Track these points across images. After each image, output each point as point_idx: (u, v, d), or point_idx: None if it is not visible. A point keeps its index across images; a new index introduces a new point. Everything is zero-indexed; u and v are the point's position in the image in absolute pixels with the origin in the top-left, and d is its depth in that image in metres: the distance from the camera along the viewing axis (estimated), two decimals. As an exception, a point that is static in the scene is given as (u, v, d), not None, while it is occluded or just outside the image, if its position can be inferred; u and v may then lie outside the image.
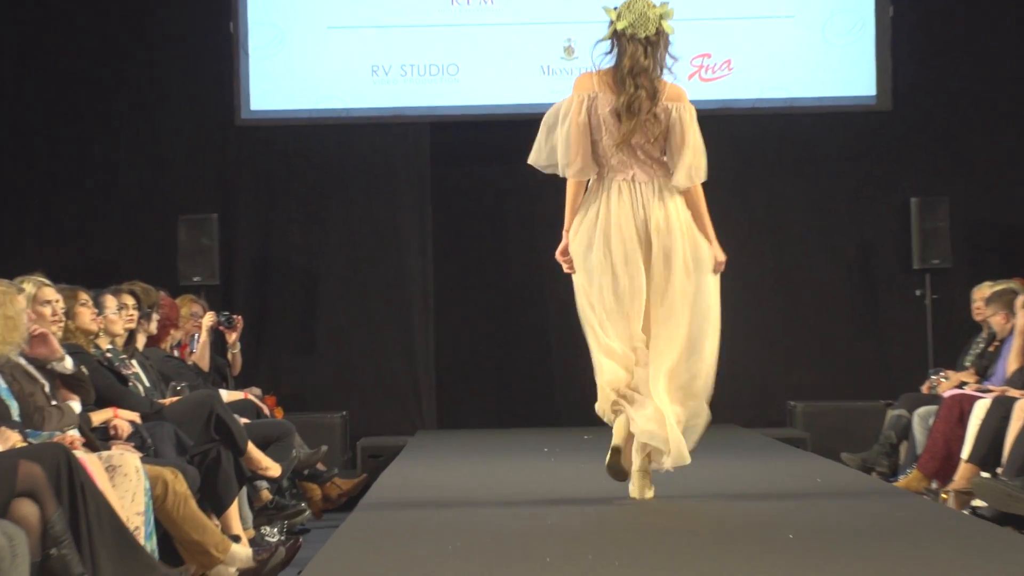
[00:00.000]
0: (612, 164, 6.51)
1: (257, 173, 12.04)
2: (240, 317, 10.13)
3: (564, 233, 6.66)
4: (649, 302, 6.46)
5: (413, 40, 11.84)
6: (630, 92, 6.38)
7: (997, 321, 9.22)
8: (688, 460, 6.47)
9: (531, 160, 6.67)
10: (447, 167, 12.16)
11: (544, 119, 6.58)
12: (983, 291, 9.63)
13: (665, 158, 6.58)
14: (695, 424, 6.61)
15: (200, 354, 9.38)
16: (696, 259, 6.53)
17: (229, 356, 10.06)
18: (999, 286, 9.38)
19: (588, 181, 6.56)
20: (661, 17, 6.44)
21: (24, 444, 5.67)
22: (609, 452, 6.42)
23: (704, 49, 11.81)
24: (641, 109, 6.37)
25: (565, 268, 6.69)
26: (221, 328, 9.87)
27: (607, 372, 6.46)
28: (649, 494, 6.55)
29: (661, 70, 6.47)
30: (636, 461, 6.48)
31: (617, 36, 6.45)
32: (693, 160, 6.55)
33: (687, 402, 6.61)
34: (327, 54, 11.84)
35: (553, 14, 11.85)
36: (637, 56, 6.38)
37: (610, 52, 6.50)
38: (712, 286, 6.54)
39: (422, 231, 12.04)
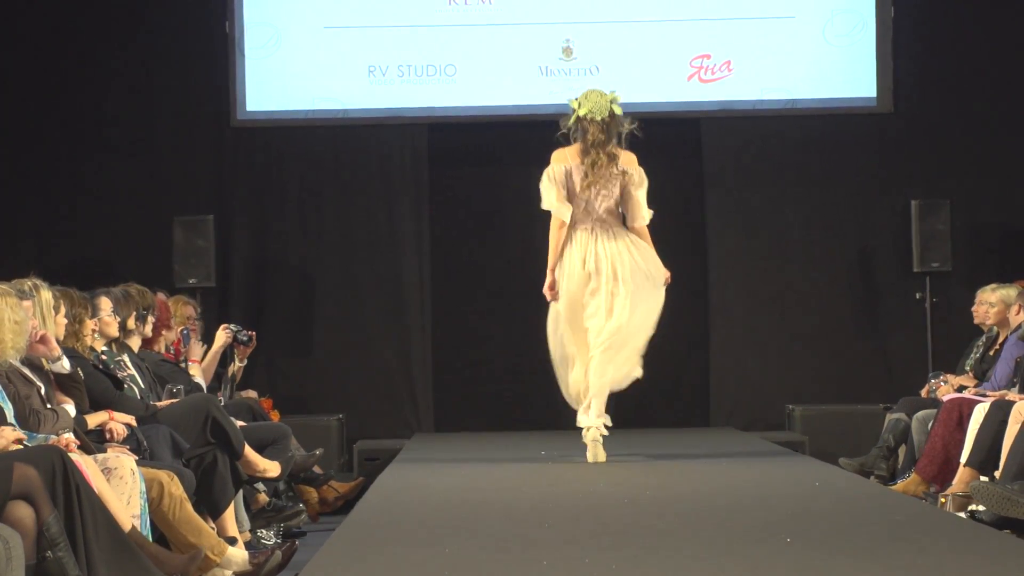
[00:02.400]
0: (583, 217, 8.59)
1: (253, 174, 12.02)
2: (254, 333, 9.81)
3: (549, 272, 8.75)
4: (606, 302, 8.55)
5: (410, 41, 11.83)
6: (593, 158, 8.48)
7: (1013, 311, 9.21)
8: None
9: (544, 205, 8.66)
10: (444, 168, 12.14)
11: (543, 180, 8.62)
12: (987, 294, 9.61)
13: (620, 210, 8.67)
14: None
15: (207, 367, 9.21)
16: (650, 274, 8.63)
17: (234, 368, 9.86)
18: (1012, 288, 9.38)
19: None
20: (611, 102, 8.54)
21: (23, 440, 5.65)
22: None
23: (704, 50, 11.81)
24: (601, 168, 8.45)
25: (549, 298, 8.80)
26: (237, 346, 9.59)
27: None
28: (602, 457, 8.61)
29: (617, 141, 8.53)
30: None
31: (579, 120, 8.56)
32: (642, 209, 8.64)
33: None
34: (324, 55, 11.83)
35: (551, 15, 11.83)
36: (596, 134, 8.48)
37: (575, 132, 8.59)
38: (659, 299, 8.66)
39: (419, 232, 12.02)
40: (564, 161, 8.58)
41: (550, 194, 8.57)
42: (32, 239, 11.77)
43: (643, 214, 8.64)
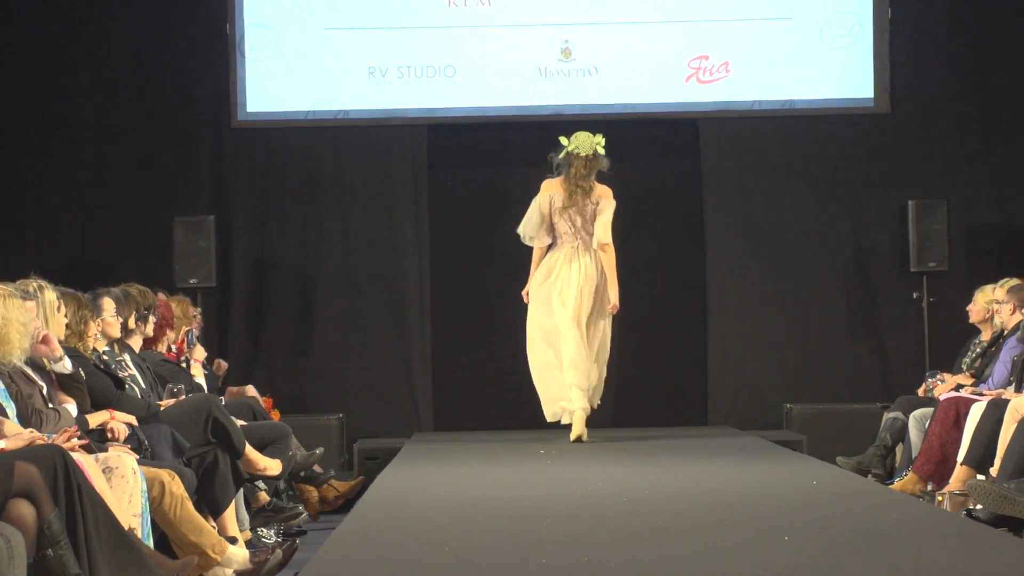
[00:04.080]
0: (563, 236, 10.10)
1: (254, 175, 12.04)
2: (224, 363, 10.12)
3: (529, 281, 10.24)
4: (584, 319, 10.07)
5: (410, 42, 11.84)
6: (572, 190, 9.99)
7: (1006, 310, 9.22)
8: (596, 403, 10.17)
9: (519, 230, 10.22)
10: (444, 169, 12.16)
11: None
12: (987, 293, 9.63)
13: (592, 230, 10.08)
14: (599, 384, 10.19)
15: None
16: (601, 304, 10.05)
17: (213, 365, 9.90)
18: (1011, 283, 9.39)
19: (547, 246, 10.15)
20: (596, 144, 10.00)
21: (42, 439, 5.66)
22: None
23: (702, 51, 11.83)
24: (578, 199, 9.98)
25: (526, 300, 10.23)
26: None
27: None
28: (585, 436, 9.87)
29: (595, 176, 10.00)
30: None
31: (568, 155, 9.99)
32: (604, 232, 9.97)
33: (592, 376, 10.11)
34: (324, 56, 11.85)
35: (550, 16, 11.85)
36: (579, 168, 9.97)
37: (563, 165, 10.02)
38: (607, 323, 10.12)
39: (419, 233, 12.03)
40: (550, 190, 10.09)
41: (529, 220, 10.15)
42: (33, 239, 11.78)
43: (601, 233, 9.98)
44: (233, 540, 6.84)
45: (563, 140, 10.04)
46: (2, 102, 11.80)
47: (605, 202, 10.03)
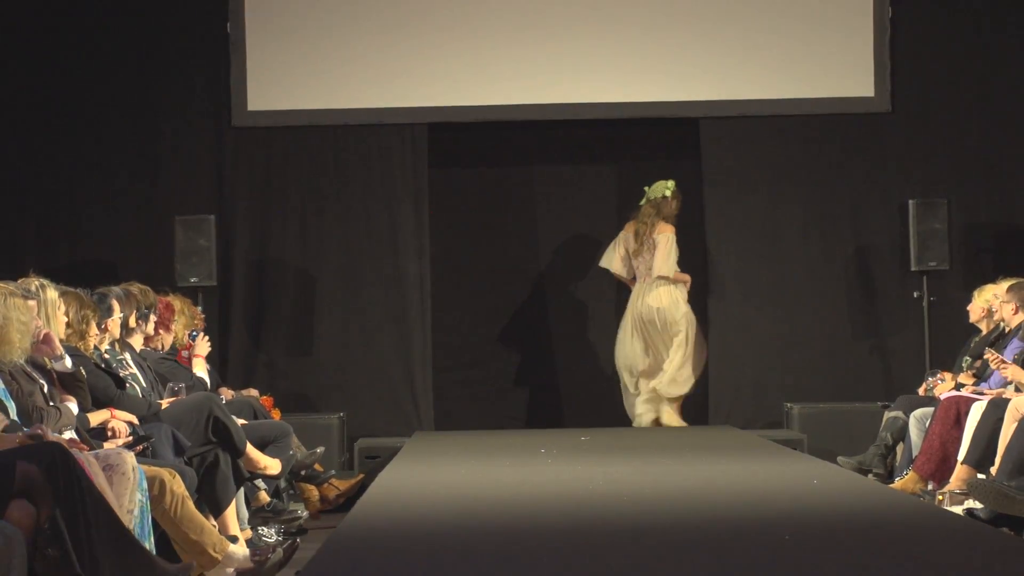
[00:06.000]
0: (636, 273, 11.67)
1: (254, 174, 12.03)
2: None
3: None
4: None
5: (411, 40, 11.83)
6: (639, 230, 11.55)
7: (1008, 310, 9.22)
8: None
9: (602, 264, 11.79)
10: (445, 168, 12.17)
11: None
12: (985, 292, 9.63)
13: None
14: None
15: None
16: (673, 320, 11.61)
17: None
18: (1010, 282, 9.39)
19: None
20: (667, 188, 11.55)
21: (48, 435, 5.65)
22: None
23: (703, 49, 11.81)
24: (643, 239, 11.50)
25: None
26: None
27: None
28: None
29: (661, 217, 11.53)
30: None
31: (647, 199, 11.56)
32: (660, 264, 11.47)
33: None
34: (324, 55, 11.84)
35: (551, 14, 11.83)
36: (649, 211, 11.54)
37: (639, 208, 11.56)
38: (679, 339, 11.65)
39: (420, 232, 12.02)
40: (627, 230, 11.63)
41: (609, 254, 11.71)
42: (34, 239, 11.77)
43: (657, 266, 11.46)
44: (234, 539, 6.85)
45: (645, 188, 11.61)
46: (2, 102, 11.79)
47: (662, 241, 11.44)
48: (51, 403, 6.28)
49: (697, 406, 12.00)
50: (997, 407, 8.11)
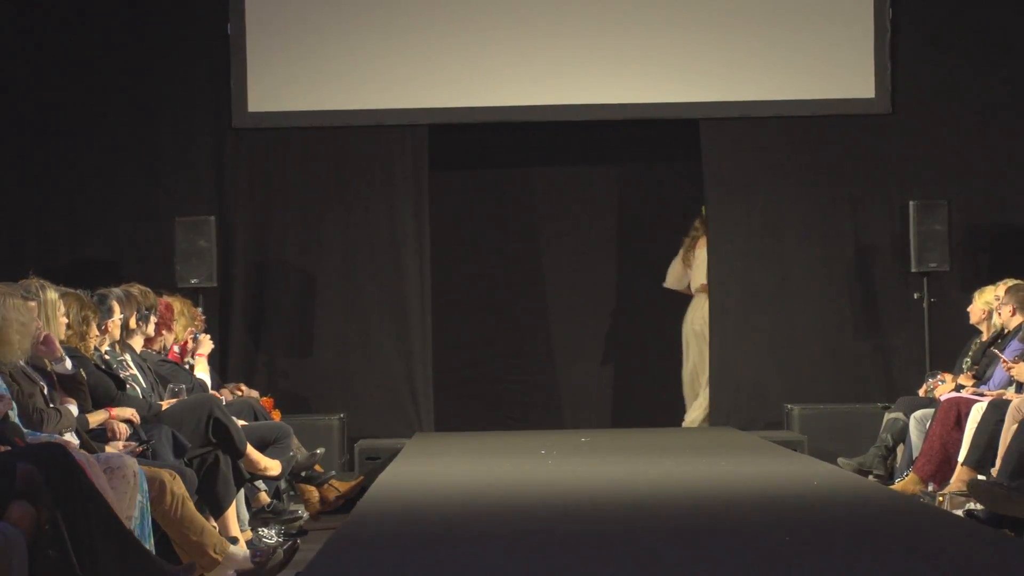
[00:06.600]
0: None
1: (255, 175, 12.03)
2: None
3: None
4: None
5: (412, 41, 11.83)
6: (689, 244, 12.08)
7: (1006, 312, 9.22)
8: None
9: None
10: (446, 170, 12.17)
11: None
12: (986, 294, 9.63)
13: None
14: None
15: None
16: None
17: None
18: (1009, 283, 9.39)
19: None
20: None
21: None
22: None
23: (703, 50, 11.81)
24: (690, 250, 12.05)
25: None
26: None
27: None
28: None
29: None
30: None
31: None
32: (700, 278, 11.91)
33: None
34: (324, 56, 11.84)
35: (551, 15, 11.84)
36: (698, 225, 12.05)
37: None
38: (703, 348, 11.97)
39: (419, 232, 12.01)
40: (684, 245, 12.07)
41: (672, 269, 12.12)
42: (34, 240, 11.78)
43: (695, 276, 12.03)
44: (234, 540, 6.85)
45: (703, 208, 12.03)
46: (3, 102, 11.80)
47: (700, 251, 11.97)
48: (51, 405, 6.28)
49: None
50: (997, 408, 8.11)
